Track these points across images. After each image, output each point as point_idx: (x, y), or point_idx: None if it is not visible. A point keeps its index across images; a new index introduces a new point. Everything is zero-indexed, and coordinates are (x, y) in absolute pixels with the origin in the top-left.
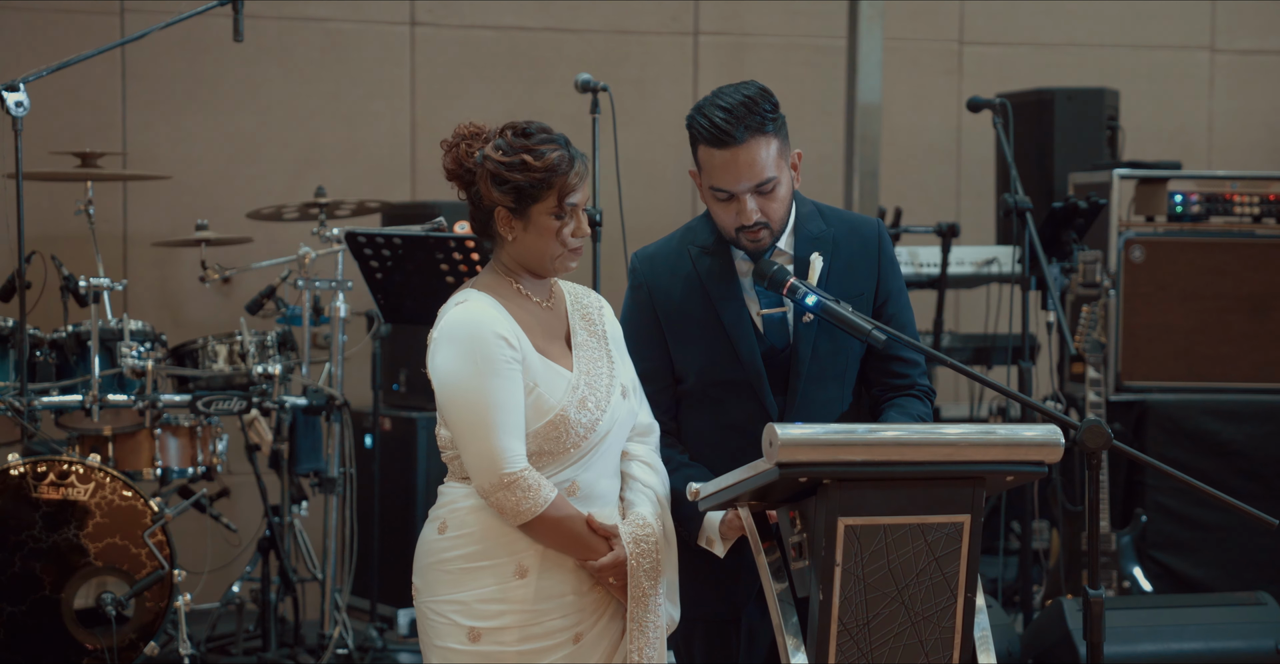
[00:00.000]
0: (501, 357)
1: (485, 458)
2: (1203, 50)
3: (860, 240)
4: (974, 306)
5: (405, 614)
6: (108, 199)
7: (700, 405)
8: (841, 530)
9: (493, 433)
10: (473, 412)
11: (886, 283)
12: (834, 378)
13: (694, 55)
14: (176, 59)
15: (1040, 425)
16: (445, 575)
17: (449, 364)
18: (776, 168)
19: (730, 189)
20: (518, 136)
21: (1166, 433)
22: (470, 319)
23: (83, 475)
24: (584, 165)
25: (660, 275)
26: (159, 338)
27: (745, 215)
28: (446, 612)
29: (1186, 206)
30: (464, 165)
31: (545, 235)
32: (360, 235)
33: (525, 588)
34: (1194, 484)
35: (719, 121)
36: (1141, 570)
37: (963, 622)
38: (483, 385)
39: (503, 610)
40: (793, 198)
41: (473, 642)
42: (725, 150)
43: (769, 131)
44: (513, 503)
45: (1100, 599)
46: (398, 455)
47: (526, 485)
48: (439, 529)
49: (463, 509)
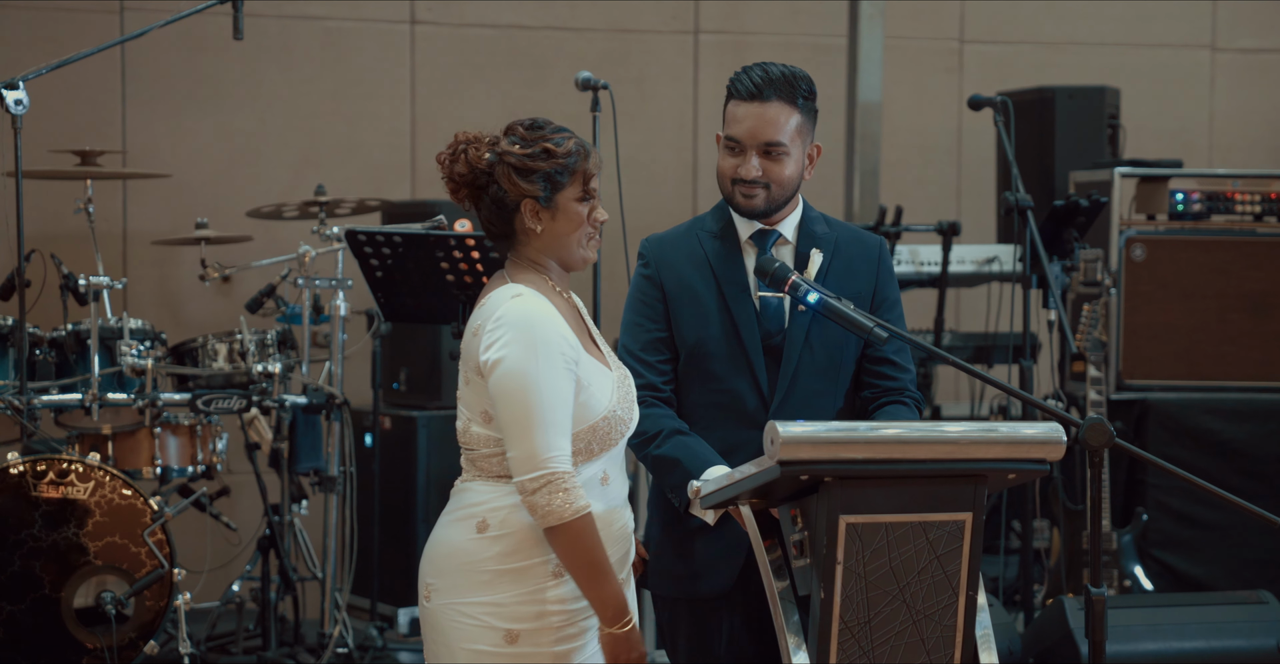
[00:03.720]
0: (563, 355)
1: (536, 453)
2: (1204, 49)
3: (862, 247)
4: (975, 305)
5: (405, 613)
6: (107, 197)
7: (696, 381)
8: (843, 528)
9: (549, 429)
10: (530, 406)
11: (883, 291)
12: (826, 370)
13: (694, 54)
14: (176, 57)
15: (1042, 423)
16: (480, 576)
17: (512, 356)
18: (791, 140)
19: (741, 139)
20: (530, 129)
21: (1167, 432)
22: (534, 313)
23: (82, 474)
24: (596, 152)
25: (668, 254)
26: (159, 336)
27: (746, 169)
28: (478, 613)
29: (1188, 205)
30: (476, 168)
31: (574, 221)
32: (360, 234)
33: (562, 588)
34: (1196, 482)
35: (756, 79)
36: (1143, 569)
37: (964, 620)
38: (543, 381)
39: (541, 612)
40: (798, 185)
41: (509, 644)
42: (750, 103)
43: (797, 105)
44: (556, 503)
45: (1102, 598)
46: (398, 454)
47: (570, 487)
48: (477, 528)
49: (503, 508)
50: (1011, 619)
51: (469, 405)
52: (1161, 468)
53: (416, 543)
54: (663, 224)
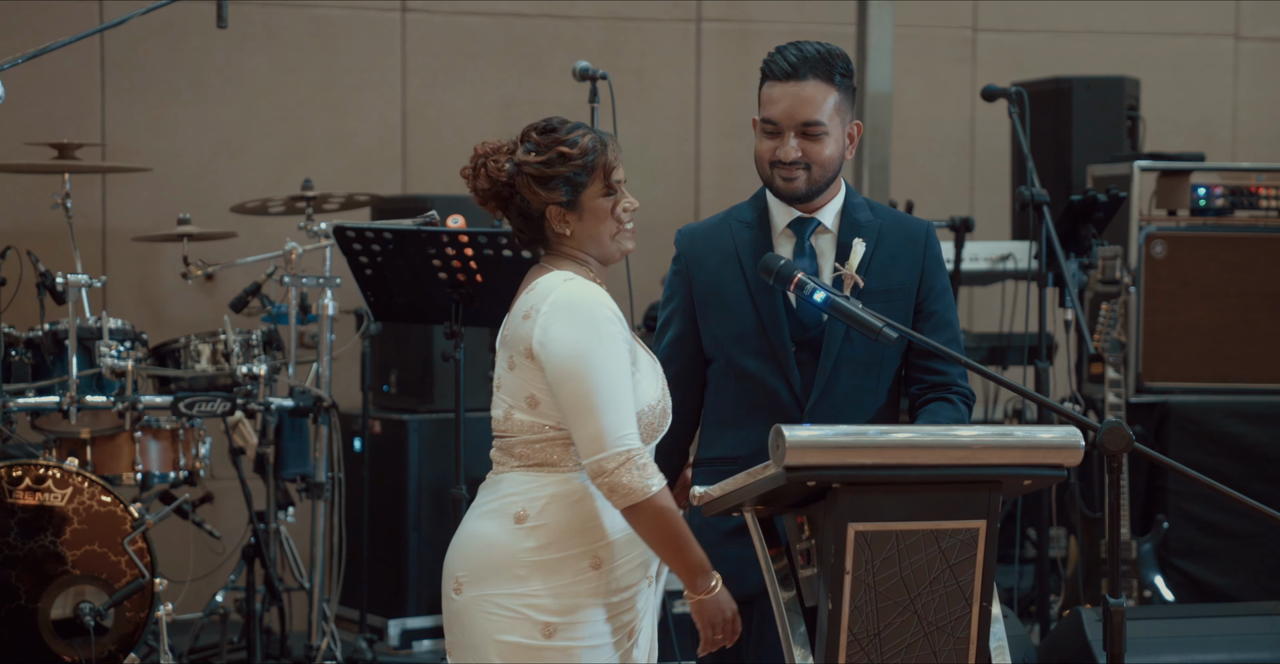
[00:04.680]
0: (621, 337)
1: (611, 430)
2: (1227, 37)
3: (907, 234)
4: (988, 304)
5: (396, 625)
6: (86, 192)
7: (726, 383)
8: (851, 537)
9: (619, 407)
10: (598, 385)
11: (930, 279)
12: (867, 366)
13: (696, 43)
14: (157, 46)
15: (1059, 427)
16: (516, 568)
17: (573, 338)
18: (830, 119)
19: (779, 121)
20: (544, 134)
21: (1189, 436)
22: (590, 295)
23: (60, 480)
24: (614, 141)
25: (699, 249)
26: (139, 337)
27: (785, 151)
28: (514, 605)
29: (1210, 200)
30: (498, 181)
31: (601, 218)
32: (349, 230)
33: (600, 580)
34: (1219, 488)
35: (791, 57)
36: (1163, 579)
37: (978, 632)
38: (607, 364)
39: (578, 604)
40: (839, 166)
41: (546, 637)
42: (787, 83)
43: (834, 82)
44: (637, 480)
45: (1121, 609)
46: (388, 459)
47: (645, 464)
48: (515, 518)
49: (543, 497)
50: (1027, 631)
51: (512, 391)
52: (1183, 473)
53: (408, 552)
54: (663, 218)
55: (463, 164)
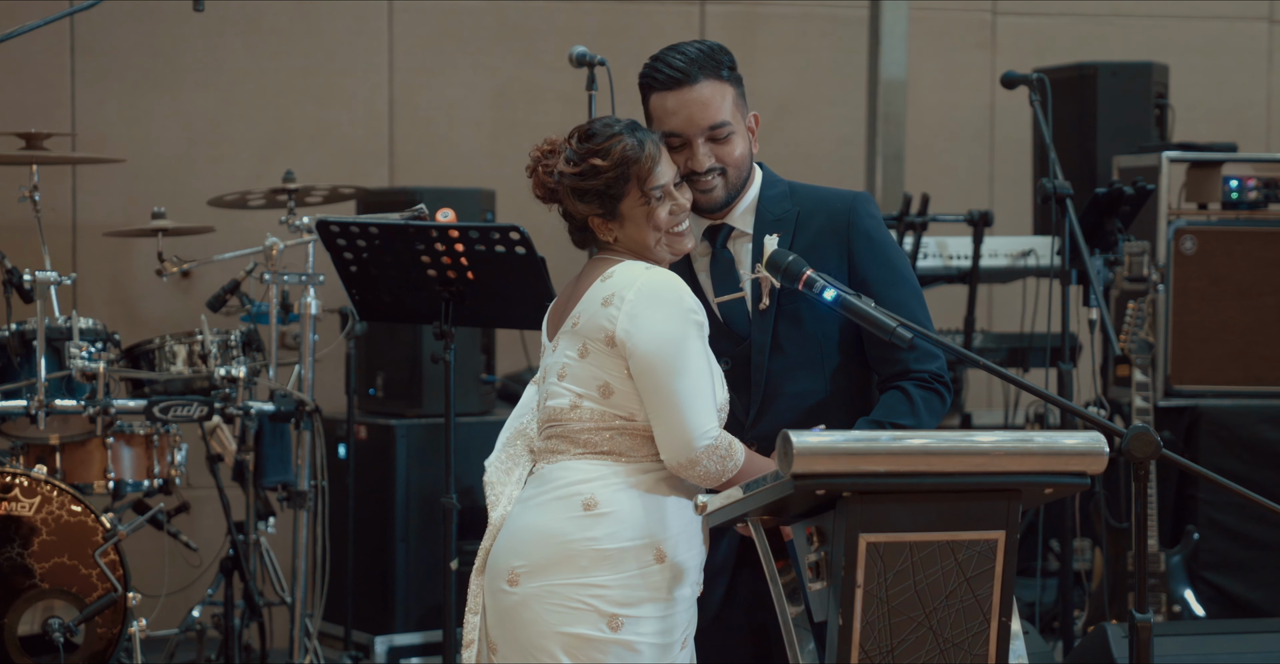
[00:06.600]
0: (704, 327)
1: (694, 428)
2: (1261, 21)
3: (826, 215)
4: (1009, 303)
5: (382, 642)
6: (55, 184)
7: None
8: (863, 548)
9: (703, 401)
10: (684, 379)
11: (863, 260)
12: (806, 367)
13: (700, 27)
14: (131, 31)
15: (1082, 433)
16: (582, 557)
17: (664, 327)
18: (733, 117)
19: (682, 130)
20: (582, 142)
21: (1221, 442)
22: (677, 285)
23: (27, 489)
24: (655, 145)
25: None
26: (111, 337)
27: (697, 161)
28: (583, 596)
29: (1243, 192)
30: (548, 186)
31: (641, 226)
32: (333, 224)
33: (663, 574)
34: (1252, 497)
35: (677, 62)
36: (1193, 593)
37: (996, 649)
38: (695, 356)
39: (644, 598)
40: (751, 162)
41: (614, 631)
42: (679, 90)
43: (725, 78)
44: (721, 470)
45: (1148, 624)
46: (374, 466)
47: (732, 450)
48: (584, 506)
49: (614, 486)
50: (1049, 648)
51: (581, 380)
52: (1214, 482)
53: (395, 565)
54: None
55: (452, 154)
